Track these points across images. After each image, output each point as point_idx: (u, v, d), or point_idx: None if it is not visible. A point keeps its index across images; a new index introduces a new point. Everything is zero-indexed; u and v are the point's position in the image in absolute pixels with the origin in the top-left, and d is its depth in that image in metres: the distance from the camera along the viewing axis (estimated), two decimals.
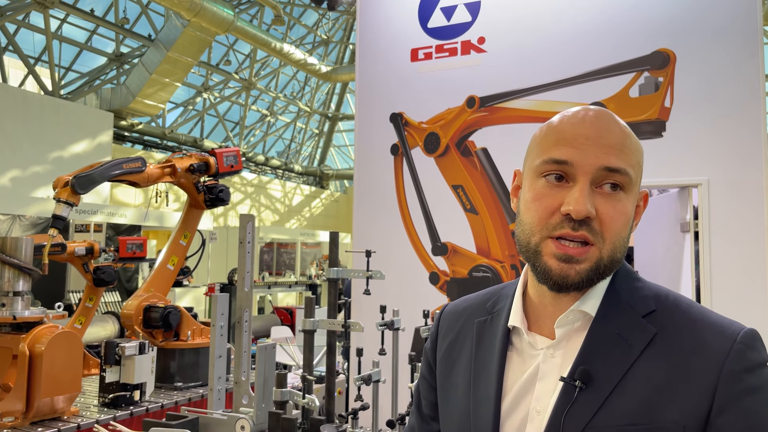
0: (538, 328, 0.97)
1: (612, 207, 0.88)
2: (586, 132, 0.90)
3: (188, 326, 3.67)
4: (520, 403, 0.93)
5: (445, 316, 1.13)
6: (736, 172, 3.16)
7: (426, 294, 3.62)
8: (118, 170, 3.35)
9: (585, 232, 0.87)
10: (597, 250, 0.88)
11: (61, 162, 12.02)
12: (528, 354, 0.96)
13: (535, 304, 0.98)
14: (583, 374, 0.87)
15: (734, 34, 3.18)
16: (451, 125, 3.68)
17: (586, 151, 0.88)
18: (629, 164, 0.90)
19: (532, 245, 0.91)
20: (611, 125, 0.91)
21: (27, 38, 14.19)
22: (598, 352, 0.89)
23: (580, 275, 0.88)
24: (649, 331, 0.88)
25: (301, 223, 22.21)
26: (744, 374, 0.83)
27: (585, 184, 0.87)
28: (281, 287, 12.19)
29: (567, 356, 0.91)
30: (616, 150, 0.89)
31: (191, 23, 12.88)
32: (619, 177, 0.88)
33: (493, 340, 1.00)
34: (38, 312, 2.91)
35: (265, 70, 20.18)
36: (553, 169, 0.90)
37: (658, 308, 0.91)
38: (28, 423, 2.75)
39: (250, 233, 2.80)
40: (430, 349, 1.13)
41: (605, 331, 0.90)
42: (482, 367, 0.99)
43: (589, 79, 3.39)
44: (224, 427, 2.53)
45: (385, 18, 3.97)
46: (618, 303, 0.92)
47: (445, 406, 1.05)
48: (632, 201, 0.91)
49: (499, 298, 1.05)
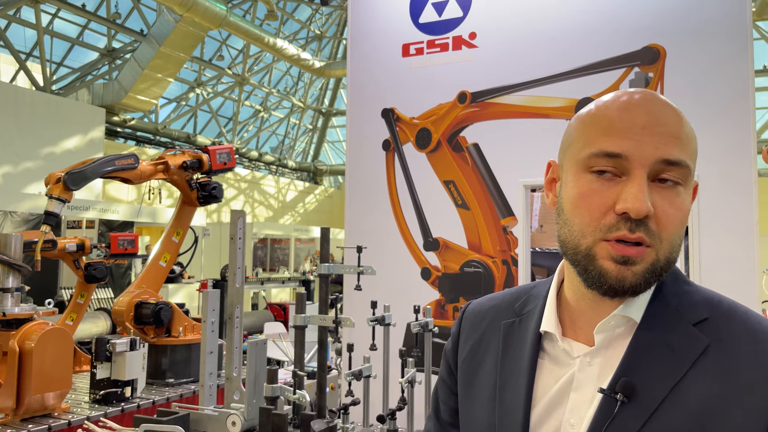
0: (574, 333, 0.89)
1: (670, 203, 0.80)
2: (640, 120, 0.80)
3: (180, 322, 3.67)
4: (551, 415, 0.86)
5: (467, 316, 1.05)
6: (726, 167, 3.17)
7: (417, 289, 3.63)
8: (111, 167, 3.34)
9: (642, 233, 0.78)
10: (654, 251, 0.80)
11: (52, 158, 11.96)
12: (562, 361, 0.88)
13: (571, 307, 0.90)
14: (625, 386, 0.79)
15: (724, 29, 3.19)
16: (443, 121, 3.68)
17: (641, 141, 0.79)
18: (688, 155, 0.81)
19: (582, 248, 0.82)
20: (667, 111, 0.82)
21: (18, 33, 14.10)
22: (643, 362, 0.81)
23: (637, 277, 0.80)
24: (701, 341, 0.80)
25: (295, 218, 22.19)
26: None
27: (642, 178, 0.78)
28: (275, 283, 12.18)
29: (606, 365, 0.83)
30: (674, 139, 0.80)
31: (184, 18, 12.82)
32: (678, 170, 0.80)
33: (523, 345, 0.92)
34: (28, 309, 2.90)
35: (259, 66, 20.12)
36: (606, 164, 0.80)
37: (711, 316, 0.83)
38: (18, 420, 2.75)
39: (241, 229, 2.80)
40: (450, 351, 1.04)
41: (651, 340, 0.82)
42: (510, 373, 0.91)
43: (580, 75, 3.40)
44: (215, 423, 2.53)
45: (376, 13, 3.97)
46: (666, 309, 0.84)
47: (467, 414, 0.97)
48: (689, 194, 0.83)
49: (528, 299, 0.97)
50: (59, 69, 15.45)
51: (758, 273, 3.16)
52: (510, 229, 3.46)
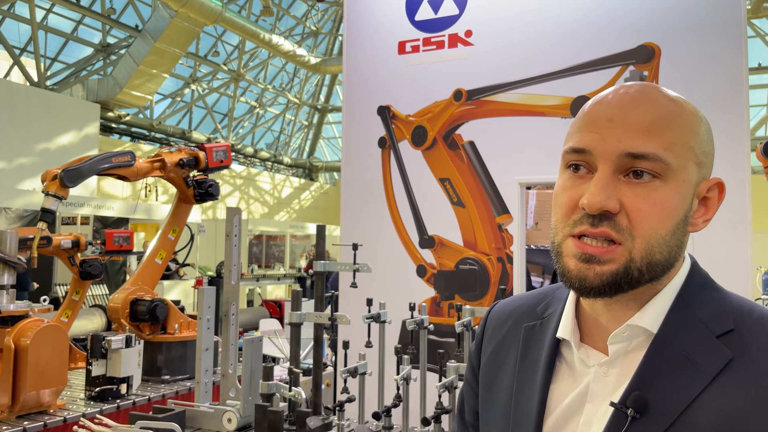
0: (592, 340, 0.84)
1: (643, 199, 0.75)
2: (609, 113, 0.78)
3: (175, 319, 3.67)
4: (566, 426, 0.81)
5: (491, 317, 1.01)
6: (720, 165, 3.17)
7: (413, 287, 3.63)
8: (107, 164, 3.34)
9: (607, 228, 0.75)
10: (626, 250, 0.75)
11: (47, 154, 11.92)
12: (578, 370, 0.83)
13: (587, 312, 0.85)
14: (637, 401, 0.74)
15: (719, 28, 3.21)
16: (439, 118, 3.68)
17: (606, 135, 0.76)
18: (664, 146, 0.75)
19: (555, 245, 0.80)
20: (642, 100, 0.78)
21: (12, 28, 14.02)
22: (658, 376, 0.75)
23: (600, 278, 0.75)
24: (724, 355, 0.74)
25: (291, 215, 22.17)
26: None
27: (603, 173, 0.75)
28: (270, 280, 12.18)
29: (622, 376, 0.78)
30: (641, 131, 0.75)
31: (179, 14, 12.78)
32: (647, 163, 0.75)
33: (540, 349, 0.88)
34: (23, 305, 2.90)
35: (254, 62, 20.08)
36: (574, 159, 0.79)
37: (738, 327, 0.76)
38: (14, 417, 2.75)
39: (236, 226, 2.80)
40: (474, 353, 1.01)
41: (669, 352, 0.76)
42: (526, 379, 0.87)
43: (575, 73, 3.41)
44: (211, 420, 2.54)
45: (372, 10, 3.97)
46: (687, 318, 0.78)
47: (485, 417, 0.94)
48: (678, 191, 0.77)
49: (551, 301, 0.92)
50: (54, 64, 15.39)
51: (751, 270, 3.17)
52: (505, 226, 3.47)
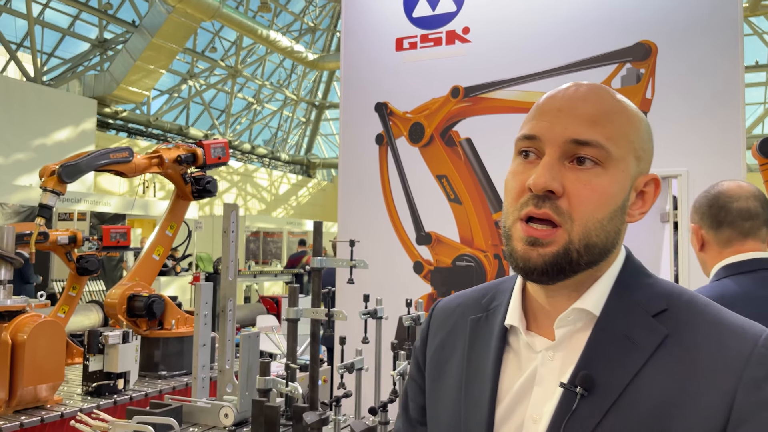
0: (538, 327, 0.88)
1: (584, 184, 0.80)
2: (557, 104, 0.84)
3: (172, 315, 3.67)
4: (516, 410, 0.85)
5: (436, 313, 1.04)
6: (716, 163, 3.20)
7: (410, 283, 3.65)
8: (105, 160, 3.33)
9: (548, 209, 0.79)
10: (565, 232, 0.80)
11: (44, 149, 11.90)
12: (526, 356, 0.87)
13: (533, 300, 0.89)
14: (584, 380, 0.79)
15: (715, 26, 3.22)
16: (436, 115, 3.69)
17: (554, 123, 0.82)
18: (607, 137, 0.81)
19: (506, 229, 0.84)
20: (590, 96, 0.84)
21: (8, 23, 13.98)
22: (602, 355, 0.80)
23: (543, 258, 0.80)
24: (660, 332, 0.80)
25: (288, 212, 22.17)
26: (765, 382, 0.74)
27: (550, 156, 0.81)
28: (267, 276, 12.18)
29: (568, 359, 0.83)
30: (588, 121, 0.81)
31: (176, 9, 12.75)
32: (590, 150, 0.80)
33: (488, 339, 0.91)
34: (20, 301, 2.90)
35: (252, 58, 20.03)
36: (525, 146, 0.84)
37: (670, 307, 0.82)
38: (11, 411, 2.75)
39: (234, 222, 2.81)
40: (419, 348, 1.03)
41: (610, 332, 0.81)
42: (475, 368, 0.90)
43: (572, 70, 3.42)
44: (208, 415, 2.54)
45: (370, 7, 3.97)
46: (625, 301, 0.83)
47: (433, 410, 0.97)
48: (617, 179, 0.82)
49: (496, 294, 0.96)
50: (50, 60, 15.34)
51: None
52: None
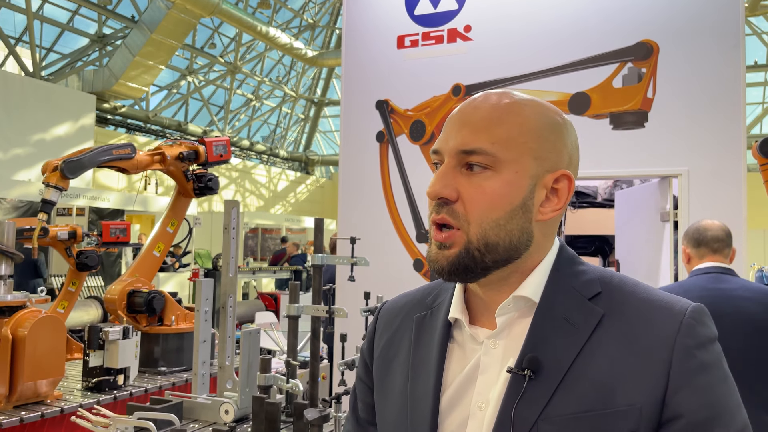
0: (479, 321, 0.92)
1: (476, 188, 0.85)
2: (454, 117, 0.89)
3: (172, 311, 3.67)
4: (461, 399, 0.88)
5: (382, 314, 1.07)
6: (716, 162, 3.21)
7: (410, 280, 3.65)
8: (108, 156, 3.33)
9: (445, 214, 0.85)
10: (463, 233, 0.85)
11: (42, 144, 11.88)
12: (469, 347, 0.90)
13: (474, 297, 0.93)
14: (531, 362, 0.82)
15: (717, 25, 3.22)
16: (437, 113, 3.69)
17: (449, 136, 0.87)
18: (494, 142, 0.84)
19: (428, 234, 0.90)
20: (483, 105, 0.88)
21: (7, 18, 13.94)
22: (545, 338, 0.84)
23: (447, 259, 0.86)
24: (596, 313, 0.85)
25: (286, 208, 22.15)
26: (696, 350, 0.81)
27: (445, 166, 0.86)
28: (266, 273, 12.18)
29: (509, 347, 0.87)
30: (473, 130, 0.85)
31: (175, 5, 12.72)
32: (476, 157, 0.84)
33: (433, 334, 0.94)
34: (21, 296, 2.90)
35: (251, 54, 20.00)
36: (434, 159, 0.91)
37: (604, 290, 0.87)
38: (11, 407, 2.75)
39: (234, 219, 2.81)
40: (366, 349, 1.06)
41: (551, 316, 0.86)
42: (420, 362, 0.93)
43: (573, 69, 3.42)
44: (208, 411, 2.55)
45: (371, 4, 3.96)
46: (562, 287, 0.88)
47: (381, 408, 0.99)
48: (508, 181, 0.85)
49: (440, 292, 1.00)
50: (49, 54, 15.30)
51: (746, 267, 3.20)
52: None
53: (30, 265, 8.48)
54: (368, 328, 1.09)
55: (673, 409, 0.79)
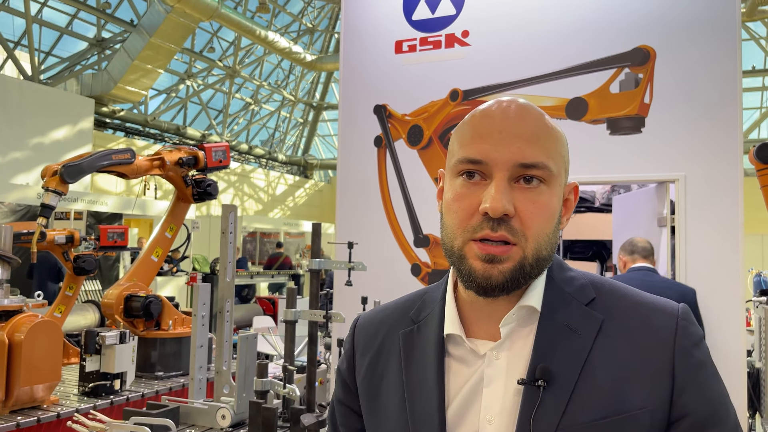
0: (476, 332, 0.90)
1: (532, 203, 0.83)
2: (499, 126, 0.85)
3: (169, 316, 3.67)
4: (467, 414, 0.86)
5: (359, 331, 1.02)
6: (713, 168, 3.21)
7: (407, 285, 3.65)
8: (108, 161, 3.34)
9: (504, 232, 0.82)
10: (520, 249, 0.83)
11: (41, 148, 11.87)
12: (469, 361, 0.88)
13: (468, 307, 0.91)
14: (544, 372, 0.82)
15: (713, 31, 3.23)
16: (435, 118, 3.70)
17: (499, 146, 0.83)
18: (548, 156, 0.84)
19: (455, 249, 0.85)
20: (525, 116, 0.86)
21: (6, 22, 13.95)
22: (552, 346, 0.84)
23: (503, 275, 0.83)
24: (597, 319, 0.86)
25: (285, 212, 22.14)
26: (692, 349, 0.84)
27: (501, 180, 0.83)
28: (264, 277, 12.16)
29: (512, 358, 0.86)
30: (530, 143, 0.84)
31: (174, 9, 12.73)
32: (537, 171, 0.83)
33: (426, 350, 0.91)
34: (17, 300, 2.90)
35: (250, 58, 20.02)
36: (469, 168, 0.85)
37: (598, 295, 0.89)
38: (7, 411, 2.75)
39: (232, 223, 2.81)
40: (346, 370, 1.01)
41: (554, 325, 0.86)
42: (417, 381, 0.90)
43: (570, 75, 3.42)
44: (205, 416, 2.54)
45: (369, 9, 3.97)
46: (560, 294, 0.88)
47: (375, 430, 0.95)
48: (556, 194, 0.86)
49: (423, 305, 0.97)
50: (48, 58, 15.31)
51: (743, 272, 3.20)
52: None
53: (53, 269, 8.23)
54: (344, 347, 1.03)
55: (680, 409, 0.81)
